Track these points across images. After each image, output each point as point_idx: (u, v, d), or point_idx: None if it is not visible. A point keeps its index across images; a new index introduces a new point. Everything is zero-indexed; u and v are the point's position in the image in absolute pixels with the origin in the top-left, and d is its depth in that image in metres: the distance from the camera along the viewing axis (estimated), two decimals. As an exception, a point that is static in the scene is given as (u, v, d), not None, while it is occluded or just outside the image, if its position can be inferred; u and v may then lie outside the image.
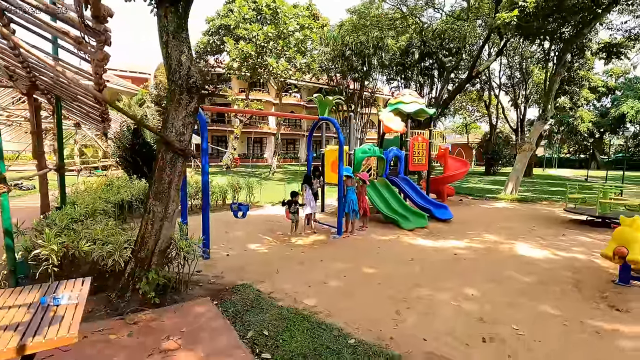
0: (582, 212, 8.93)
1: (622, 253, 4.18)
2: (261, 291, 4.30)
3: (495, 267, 5.64)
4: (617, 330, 3.67)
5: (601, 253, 4.54)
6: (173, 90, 3.85)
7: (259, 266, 5.49)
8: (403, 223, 8.36)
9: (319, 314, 3.74)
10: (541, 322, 3.84)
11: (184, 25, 3.90)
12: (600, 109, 42.09)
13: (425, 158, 11.52)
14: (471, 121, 51.14)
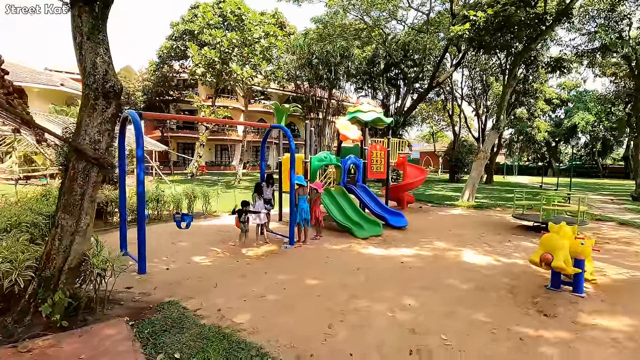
0: (528, 218, 9.29)
1: (547, 260, 4.29)
2: (187, 308, 4.05)
3: (439, 275, 5.67)
4: (541, 337, 3.73)
5: (529, 259, 4.66)
6: (87, 94, 3.59)
7: (198, 280, 5.23)
8: (357, 231, 8.33)
9: (242, 332, 3.56)
10: (471, 331, 3.85)
11: (101, 26, 3.66)
12: (555, 119, 44.65)
13: (384, 166, 11.63)
14: (437, 130, 52.79)
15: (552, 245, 4.40)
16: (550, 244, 4.42)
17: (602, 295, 4.89)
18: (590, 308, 4.45)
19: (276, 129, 8.47)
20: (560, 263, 4.24)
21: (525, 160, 52.61)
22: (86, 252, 3.64)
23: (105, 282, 3.81)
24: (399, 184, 12.58)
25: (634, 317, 4.20)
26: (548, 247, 4.42)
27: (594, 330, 3.86)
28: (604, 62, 26.92)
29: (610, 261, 6.56)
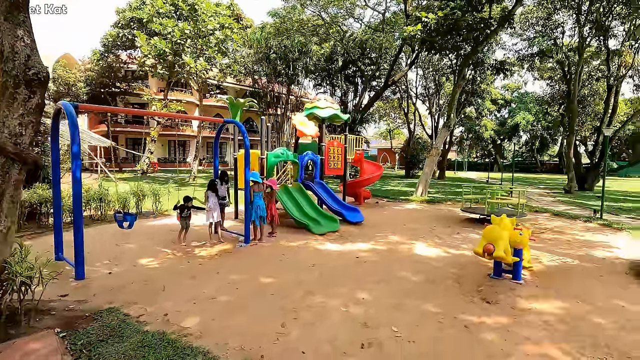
0: (475, 211, 9.85)
1: (490, 250, 4.56)
2: (129, 315, 3.78)
3: (392, 268, 5.82)
4: (484, 323, 3.94)
5: (473, 251, 4.94)
6: (5, 82, 3.19)
7: (143, 284, 4.92)
8: (314, 228, 8.33)
9: (189, 337, 3.38)
10: (421, 321, 3.97)
11: (22, 5, 3.27)
12: (500, 118, 47.80)
13: (341, 162, 11.74)
14: (394, 127, 54.48)
15: (493, 236, 4.67)
16: (492, 235, 4.70)
17: (537, 281, 5.29)
18: (527, 293, 4.79)
19: (230, 124, 8.20)
20: (500, 253, 4.52)
21: (474, 156, 55.94)
22: (7, 259, 3.25)
23: (32, 291, 3.43)
24: (356, 180, 12.79)
25: (565, 300, 4.58)
26: (490, 238, 4.69)
27: (530, 315, 4.15)
28: (542, 66, 29.34)
29: (545, 249, 7.13)
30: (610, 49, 20.74)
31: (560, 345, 3.47)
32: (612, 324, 3.92)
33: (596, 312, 4.23)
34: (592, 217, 10.28)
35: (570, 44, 23.76)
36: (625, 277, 5.53)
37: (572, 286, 5.08)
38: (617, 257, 6.63)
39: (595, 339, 3.58)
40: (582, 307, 4.37)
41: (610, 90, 21.22)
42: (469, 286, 5.07)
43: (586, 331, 3.76)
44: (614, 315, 4.12)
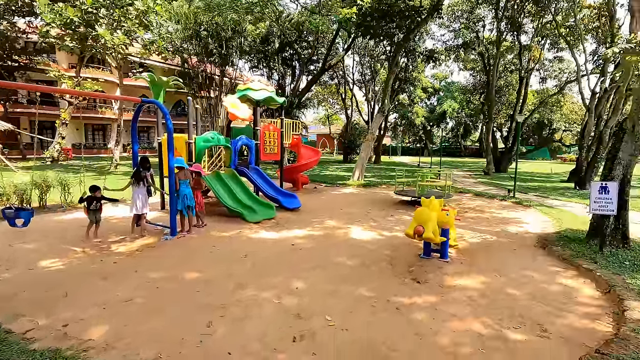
0: (407, 194, 10.27)
1: (420, 232, 4.68)
2: (12, 331, 3.14)
3: (328, 254, 5.73)
4: (414, 303, 4.01)
5: (405, 233, 5.05)
6: None
7: (41, 291, 4.18)
8: (248, 216, 7.95)
9: (90, 351, 2.89)
10: (355, 307, 3.91)
11: None
12: (430, 106, 50.88)
13: (277, 147, 11.37)
14: (332, 113, 55.06)
15: (423, 218, 4.79)
16: (422, 217, 4.81)
17: (462, 258, 5.60)
18: (453, 271, 5.03)
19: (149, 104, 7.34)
20: (429, 234, 4.66)
21: (407, 142, 59.11)
22: None
23: None
24: (293, 165, 12.54)
25: (486, 275, 4.89)
26: (420, 220, 4.81)
27: (455, 292, 4.34)
28: (466, 57, 31.61)
29: (468, 227, 7.64)
30: (522, 43, 22.92)
31: (482, 319, 3.65)
32: (525, 294, 4.26)
33: (512, 284, 4.57)
34: (507, 196, 11.36)
35: (489, 37, 25.82)
36: (533, 249, 6.12)
37: (491, 261, 5.46)
38: (527, 231, 7.34)
39: (512, 310, 3.84)
40: (500, 280, 4.70)
41: (521, 81, 23.58)
42: (401, 267, 5.18)
43: (504, 303, 4.03)
44: (526, 286, 4.49)
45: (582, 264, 4.97)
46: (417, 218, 4.85)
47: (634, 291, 4.02)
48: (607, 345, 2.91)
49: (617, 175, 5.73)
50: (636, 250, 5.60)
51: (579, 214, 8.71)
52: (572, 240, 6.16)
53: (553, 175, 21.26)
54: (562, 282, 4.61)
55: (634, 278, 4.40)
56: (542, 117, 39.03)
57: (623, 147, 5.75)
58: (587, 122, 15.77)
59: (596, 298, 4.16)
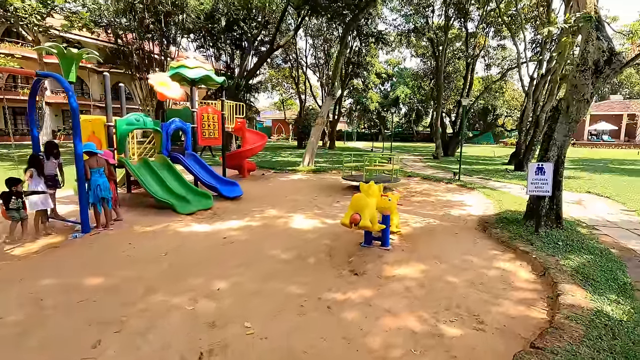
0: (355, 179, 9.98)
1: (356, 220, 4.30)
2: None
3: (262, 247, 5.21)
4: (348, 299, 3.63)
5: (341, 222, 4.65)
6: None
7: None
8: (180, 207, 7.17)
9: None
10: (281, 308, 3.45)
11: None
12: (384, 91, 51.46)
13: (218, 131, 10.51)
14: (287, 97, 53.84)
15: (360, 205, 4.41)
16: (358, 204, 4.43)
17: (404, 245, 5.35)
18: (393, 259, 4.74)
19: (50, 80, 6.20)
20: (366, 222, 4.28)
21: (363, 127, 59.64)
22: None
23: None
24: (237, 151, 11.74)
25: (426, 262, 4.65)
26: (357, 207, 4.42)
27: (393, 283, 4.03)
28: (417, 43, 32.01)
29: (413, 212, 7.49)
30: (468, 30, 23.49)
31: (418, 313, 3.35)
32: (463, 282, 4.05)
33: (451, 271, 4.36)
34: (452, 179, 11.52)
35: (438, 23, 26.20)
36: (474, 232, 6.05)
37: (432, 247, 5.26)
38: (469, 214, 7.34)
39: (449, 301, 3.59)
40: (439, 267, 4.48)
41: (467, 67, 24.28)
42: (340, 258, 4.80)
43: (442, 293, 3.78)
44: (465, 273, 4.30)
45: (519, 246, 4.92)
46: (353, 205, 4.45)
47: (567, 273, 3.96)
48: (541, 338, 2.71)
49: (552, 156, 5.75)
50: (568, 230, 5.71)
51: (518, 194, 8.95)
52: (511, 221, 6.18)
53: (496, 158, 22.32)
54: (500, 266, 4.49)
55: (567, 259, 4.38)
56: (486, 103, 41.05)
57: (558, 128, 5.77)
58: (525, 107, 16.52)
59: (532, 282, 4.06)
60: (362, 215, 4.30)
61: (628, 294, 3.50)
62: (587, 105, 5.67)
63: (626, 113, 39.86)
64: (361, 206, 4.38)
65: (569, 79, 5.92)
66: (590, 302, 3.31)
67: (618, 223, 6.58)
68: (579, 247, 4.80)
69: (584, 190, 9.87)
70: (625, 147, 36.07)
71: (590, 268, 4.09)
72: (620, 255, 4.74)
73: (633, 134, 39.83)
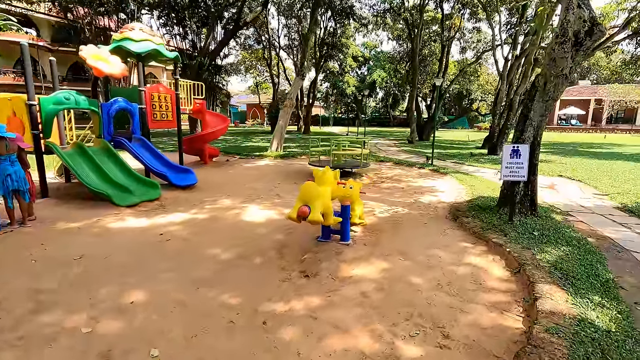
0: (322, 164, 9.29)
1: (304, 213, 3.62)
2: None
3: (201, 245, 4.48)
4: (289, 311, 2.99)
5: (287, 216, 3.96)
6: None
7: None
8: (118, 198, 6.28)
9: None
10: (205, 326, 2.77)
11: None
12: (360, 75, 50.63)
13: (172, 113, 9.52)
14: (262, 81, 52.08)
15: (310, 195, 3.73)
16: (308, 194, 3.75)
17: (367, 238, 4.76)
18: (352, 256, 4.14)
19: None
20: (316, 216, 3.61)
21: (340, 112, 58.78)
22: None
23: None
24: (196, 135, 10.77)
25: (388, 259, 4.08)
26: (306, 198, 3.75)
27: (348, 286, 3.42)
28: (394, 25, 31.22)
29: (380, 199, 6.92)
30: (444, 11, 22.90)
31: (372, 327, 2.76)
32: (428, 282, 3.50)
33: (416, 269, 3.80)
34: (425, 164, 11.06)
35: (414, 2, 25.45)
36: (444, 221, 5.54)
37: (398, 240, 4.70)
38: (440, 201, 6.85)
39: (411, 309, 3.02)
40: (403, 265, 3.91)
41: (443, 49, 23.81)
42: (292, 256, 4.15)
43: (403, 298, 3.21)
44: (432, 271, 3.75)
45: (491, 238, 4.42)
46: (302, 196, 3.76)
47: (544, 269, 3.47)
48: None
49: (528, 137, 5.26)
50: (543, 217, 5.28)
51: (491, 179, 8.57)
52: (483, 209, 5.71)
53: (470, 142, 22.21)
54: (471, 262, 3.97)
55: (544, 252, 3.90)
56: (461, 88, 41.08)
57: (534, 107, 5.27)
58: (499, 90, 16.26)
59: (505, 280, 3.55)
60: (312, 207, 3.63)
61: (612, 294, 3.04)
62: (565, 82, 5.18)
63: (594, 98, 40.98)
64: (311, 196, 3.71)
65: (547, 52, 5.40)
66: (572, 306, 2.81)
67: (592, 208, 6.26)
68: (555, 238, 4.35)
69: (556, 173, 9.64)
70: (592, 130, 37.17)
71: (569, 262, 3.63)
72: (598, 244, 4.34)
73: (599, 118, 41.10)
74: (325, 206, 3.84)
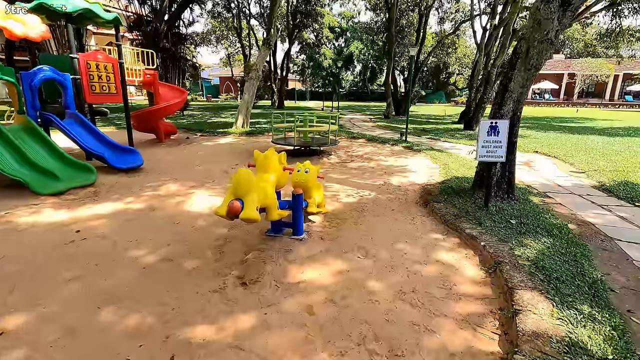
0: (288, 142, 8.50)
1: (235, 210, 2.88)
2: None
3: (124, 244, 3.71)
4: (211, 340, 2.33)
5: (214, 211, 3.18)
6: None
7: None
8: (38, 185, 5.34)
9: None
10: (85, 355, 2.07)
11: None
12: (338, 47, 48.83)
13: (116, 85, 8.36)
14: (235, 52, 49.41)
15: (243, 187, 2.97)
16: (241, 185, 2.98)
17: (326, 230, 4.13)
18: (304, 254, 3.50)
19: None
20: (249, 213, 2.83)
21: (317, 86, 57.05)
22: None
23: None
24: (145, 110, 9.64)
25: (346, 256, 3.46)
26: (238, 191, 2.99)
27: (293, 297, 2.79)
28: (370, -7, 29.73)
29: (347, 181, 6.28)
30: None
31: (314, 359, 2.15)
32: (389, 289, 2.91)
33: (376, 271, 3.21)
34: (399, 140, 10.47)
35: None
36: (414, 207, 4.96)
37: (360, 231, 4.09)
38: (412, 182, 6.27)
39: (365, 328, 2.42)
40: (362, 265, 3.31)
41: (421, 19, 22.84)
42: (232, 256, 3.46)
43: (356, 312, 2.60)
44: (394, 274, 3.16)
45: (465, 228, 3.87)
46: (234, 187, 3.00)
47: (524, 270, 2.95)
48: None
49: (508, 112, 4.67)
50: (521, 201, 4.81)
51: (467, 156, 8.07)
52: (457, 192, 5.17)
53: (446, 117, 21.81)
54: (441, 259, 3.41)
55: (522, 246, 3.39)
56: (439, 61, 40.41)
57: (515, 77, 4.65)
58: (477, 62, 15.68)
59: (479, 283, 3.02)
60: (245, 202, 2.90)
61: (602, 300, 2.54)
62: (550, 48, 4.55)
63: (567, 72, 41.35)
64: (245, 188, 2.96)
65: (531, 13, 4.73)
66: (559, 323, 2.29)
67: (570, 188, 5.87)
68: (534, 226, 3.86)
69: (531, 150, 9.29)
70: (564, 105, 37.73)
71: (551, 259, 3.13)
72: (580, 232, 3.89)
73: (572, 93, 41.69)
74: (265, 198, 3.13)
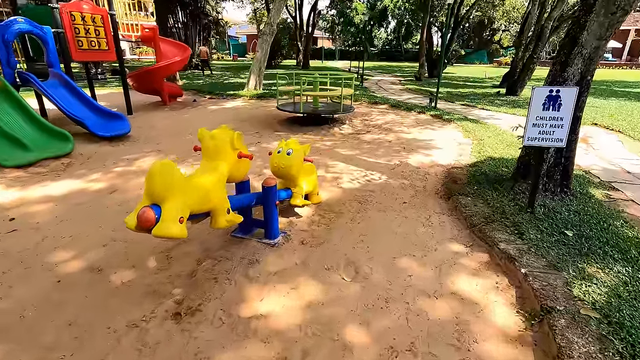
0: (295, 108, 7.42)
1: (147, 221, 1.92)
2: None
3: (50, 242, 2.98)
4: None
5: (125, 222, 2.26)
6: None
7: None
8: (5, 157, 4.72)
9: None
10: None
11: None
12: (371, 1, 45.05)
13: (107, 40, 7.49)
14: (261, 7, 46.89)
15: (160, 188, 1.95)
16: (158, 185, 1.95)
17: (311, 229, 3.21)
18: (272, 268, 2.62)
19: None
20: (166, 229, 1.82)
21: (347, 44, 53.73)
22: None
23: None
24: (144, 70, 8.76)
25: (326, 276, 2.55)
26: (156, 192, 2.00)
27: (232, 352, 1.94)
28: None
29: (355, 159, 5.23)
30: None
31: None
32: (374, 344, 1.97)
33: (362, 306, 2.27)
34: (427, 107, 9.08)
35: None
36: (433, 200, 3.88)
37: (354, 234, 3.13)
38: (435, 163, 5.11)
39: None
40: (345, 294, 2.38)
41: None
42: (180, 266, 2.65)
43: (318, 386, 1.72)
44: (387, 313, 2.21)
45: (498, 240, 2.80)
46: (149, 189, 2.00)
47: (590, 329, 1.90)
48: None
49: (574, 74, 3.36)
50: (578, 197, 3.60)
51: (508, 130, 6.68)
52: (492, 181, 4.01)
53: (486, 79, 19.51)
54: (460, 291, 2.41)
55: (585, 278, 2.30)
56: (483, 15, 36.22)
57: (590, 25, 3.27)
58: (528, 14, 13.35)
59: (514, 340, 2.01)
60: (164, 211, 1.97)
61: None
62: (650, -21, 3.11)
63: (634, 28, 35.91)
64: (161, 190, 1.97)
65: None
66: None
67: (644, 177, 4.53)
68: (601, 242, 2.73)
69: (589, 122, 7.68)
70: (626, 67, 33.10)
71: (634, 308, 2.05)
72: (668, 252, 2.71)
73: (637, 53, 36.46)
74: (203, 201, 2.20)
